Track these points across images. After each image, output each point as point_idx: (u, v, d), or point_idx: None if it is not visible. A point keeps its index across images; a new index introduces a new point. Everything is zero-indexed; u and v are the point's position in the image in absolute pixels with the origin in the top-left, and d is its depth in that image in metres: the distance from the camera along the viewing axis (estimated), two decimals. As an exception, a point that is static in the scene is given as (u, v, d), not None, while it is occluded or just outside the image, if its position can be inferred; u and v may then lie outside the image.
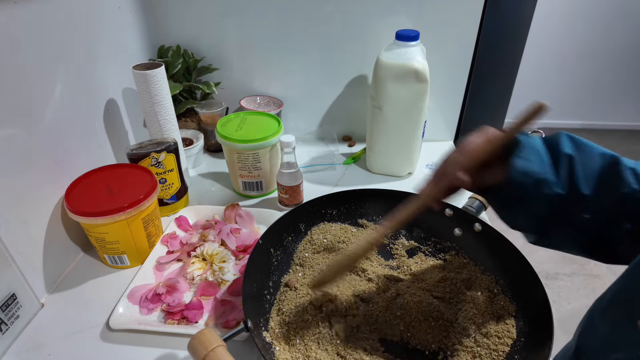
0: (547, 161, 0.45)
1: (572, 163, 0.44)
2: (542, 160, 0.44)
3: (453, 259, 0.62)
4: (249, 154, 0.75)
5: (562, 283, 1.74)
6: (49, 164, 0.61)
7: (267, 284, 0.56)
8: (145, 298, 0.58)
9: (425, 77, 0.74)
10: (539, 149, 0.45)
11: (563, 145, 0.45)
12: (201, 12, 0.87)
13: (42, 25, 0.58)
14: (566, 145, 0.45)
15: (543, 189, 0.44)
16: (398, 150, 0.85)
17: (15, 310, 0.55)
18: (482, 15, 0.84)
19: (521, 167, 0.44)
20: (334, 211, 0.68)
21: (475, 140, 0.46)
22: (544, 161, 0.44)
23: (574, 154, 0.44)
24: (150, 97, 0.72)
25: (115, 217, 0.59)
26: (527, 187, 0.44)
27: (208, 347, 0.41)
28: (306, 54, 0.91)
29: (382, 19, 0.85)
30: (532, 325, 0.50)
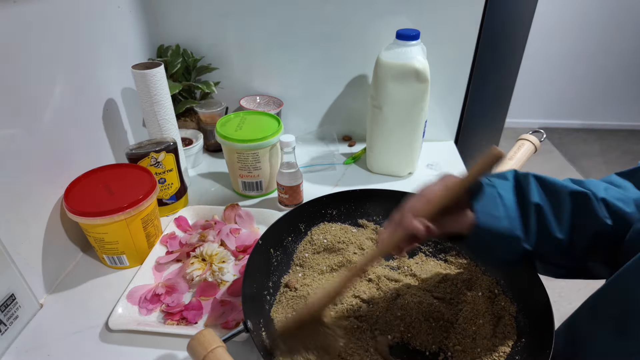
0: (514, 215, 0.44)
1: (542, 212, 0.44)
2: (509, 215, 0.44)
3: (454, 260, 0.62)
4: (248, 154, 0.75)
5: (562, 283, 1.74)
6: (48, 164, 0.61)
7: (267, 284, 0.56)
8: (144, 298, 0.58)
9: (426, 76, 0.74)
10: (506, 202, 0.44)
11: (532, 194, 0.44)
12: (201, 12, 0.87)
13: (42, 25, 0.58)
14: (534, 194, 0.44)
15: (510, 244, 0.44)
16: (398, 150, 0.84)
17: (15, 310, 0.54)
18: (483, 15, 0.83)
19: (486, 224, 0.43)
20: (334, 211, 0.68)
21: (432, 188, 0.45)
22: (510, 216, 0.44)
23: (543, 203, 0.44)
24: (150, 96, 0.72)
25: (114, 217, 0.59)
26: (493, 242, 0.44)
27: (207, 348, 0.41)
28: (306, 54, 0.91)
29: (382, 18, 0.85)
30: (532, 325, 0.49)
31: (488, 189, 0.45)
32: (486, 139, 1.19)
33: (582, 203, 0.43)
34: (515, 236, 0.44)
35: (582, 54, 2.54)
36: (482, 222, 0.43)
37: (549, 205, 0.44)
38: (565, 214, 0.43)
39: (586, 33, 2.47)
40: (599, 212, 0.42)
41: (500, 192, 0.44)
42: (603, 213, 0.42)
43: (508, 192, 0.45)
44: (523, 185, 0.45)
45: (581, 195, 0.43)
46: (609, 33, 2.45)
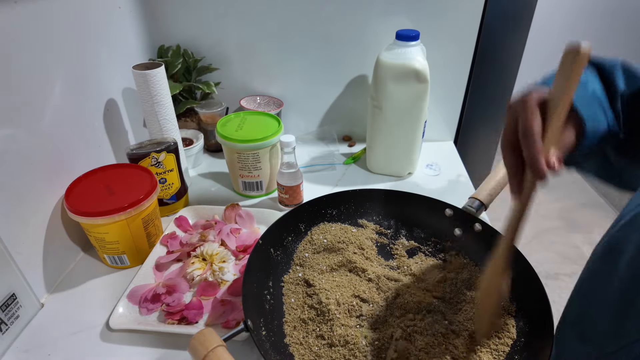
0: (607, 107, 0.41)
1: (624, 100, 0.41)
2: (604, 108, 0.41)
3: (453, 259, 0.62)
4: (249, 154, 0.75)
5: (562, 283, 1.74)
6: (49, 164, 0.61)
7: (267, 284, 0.56)
8: (145, 298, 0.58)
9: (426, 77, 0.74)
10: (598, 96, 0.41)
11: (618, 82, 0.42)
12: (201, 12, 0.87)
13: (42, 25, 0.58)
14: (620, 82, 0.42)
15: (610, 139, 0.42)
16: (398, 150, 0.85)
17: (15, 310, 0.55)
18: (483, 15, 0.84)
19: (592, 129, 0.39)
20: (334, 211, 0.68)
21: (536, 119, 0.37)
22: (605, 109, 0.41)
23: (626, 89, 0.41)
24: (150, 97, 0.72)
25: (115, 217, 0.59)
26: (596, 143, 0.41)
27: (208, 347, 0.41)
28: (306, 54, 0.91)
29: (382, 19, 0.85)
30: (532, 325, 0.49)
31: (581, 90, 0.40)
32: (486, 139, 1.20)
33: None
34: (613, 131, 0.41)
35: (582, 54, 2.53)
36: (591, 128, 0.40)
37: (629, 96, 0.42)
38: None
39: (586, 33, 2.47)
40: None
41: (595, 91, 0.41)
42: None
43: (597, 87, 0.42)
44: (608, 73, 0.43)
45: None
46: (609, 33, 2.46)
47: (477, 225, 0.61)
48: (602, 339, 0.38)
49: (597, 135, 0.40)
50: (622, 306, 0.37)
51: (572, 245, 1.92)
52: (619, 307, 0.37)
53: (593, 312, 0.41)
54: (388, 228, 0.68)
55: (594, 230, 1.98)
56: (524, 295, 0.53)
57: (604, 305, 0.40)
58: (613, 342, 0.37)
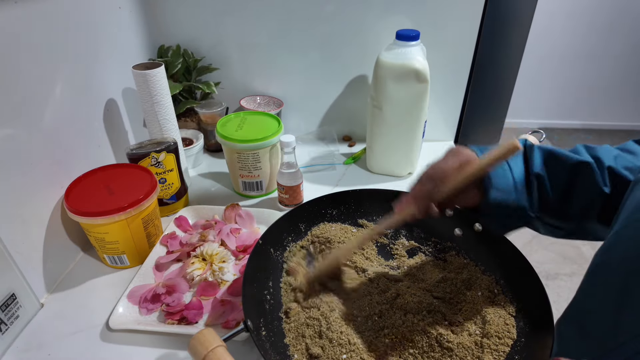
0: (521, 187, 0.46)
1: (542, 181, 0.46)
2: (517, 187, 0.46)
3: (453, 259, 0.62)
4: (249, 154, 0.75)
5: (562, 283, 1.74)
6: (49, 164, 0.61)
7: (267, 284, 0.56)
8: (145, 298, 0.58)
9: (426, 77, 0.74)
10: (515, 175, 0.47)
11: (534, 164, 0.47)
12: (201, 12, 0.87)
13: (42, 25, 0.58)
14: (537, 165, 0.47)
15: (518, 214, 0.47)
16: (398, 150, 0.85)
17: (15, 310, 0.55)
18: (483, 15, 0.84)
19: (495, 200, 0.46)
20: (334, 211, 0.68)
21: (445, 166, 0.48)
22: (518, 188, 0.46)
23: (543, 173, 0.46)
24: (150, 97, 0.72)
25: (115, 217, 0.59)
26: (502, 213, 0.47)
27: (208, 347, 0.41)
28: (306, 54, 0.91)
29: (382, 19, 0.85)
30: (532, 325, 0.49)
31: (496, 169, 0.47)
32: (486, 139, 1.20)
33: (581, 172, 0.45)
34: (521, 206, 0.46)
35: (581, 54, 2.54)
36: (494, 197, 0.46)
37: (546, 172, 0.46)
38: (561, 182, 0.46)
39: (586, 33, 2.47)
40: (598, 180, 0.44)
41: (510, 165, 0.47)
42: (603, 181, 0.44)
43: (518, 164, 0.48)
44: (529, 156, 0.48)
45: (582, 165, 0.45)
46: (609, 33, 2.46)
47: (477, 225, 0.61)
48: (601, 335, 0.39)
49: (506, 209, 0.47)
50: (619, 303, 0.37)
51: (572, 245, 1.92)
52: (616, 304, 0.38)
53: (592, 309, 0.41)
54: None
55: (594, 230, 1.98)
56: (524, 295, 0.53)
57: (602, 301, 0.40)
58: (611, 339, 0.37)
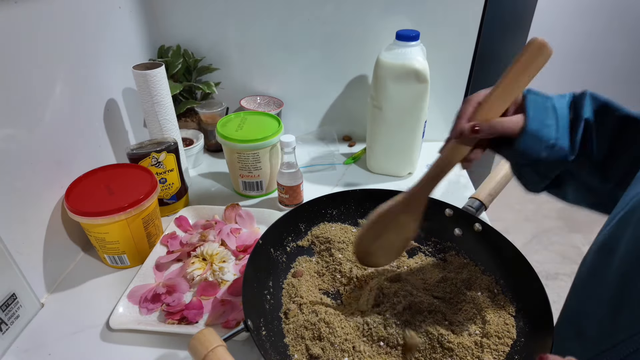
0: (564, 126, 0.43)
1: (588, 128, 0.43)
2: (559, 125, 0.43)
3: (453, 259, 0.62)
4: (249, 154, 0.75)
5: (562, 283, 1.74)
6: (49, 164, 0.61)
7: (267, 284, 0.56)
8: (145, 298, 0.58)
9: (426, 77, 0.74)
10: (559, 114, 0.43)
11: (584, 109, 0.43)
12: (201, 12, 0.87)
13: (42, 25, 0.58)
14: (587, 110, 0.43)
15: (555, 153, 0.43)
16: (398, 150, 0.85)
17: (15, 310, 0.55)
18: (483, 15, 0.84)
19: (535, 131, 0.42)
20: (334, 211, 0.68)
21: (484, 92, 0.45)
22: (560, 126, 0.43)
23: (591, 119, 0.43)
24: (151, 97, 0.72)
25: (115, 217, 0.59)
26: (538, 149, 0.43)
27: (208, 347, 0.41)
28: (306, 54, 0.91)
29: (382, 19, 0.85)
30: (532, 325, 0.50)
31: (542, 100, 0.44)
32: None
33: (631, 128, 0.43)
34: (560, 146, 0.43)
35: (582, 54, 2.54)
36: (533, 128, 0.42)
37: (595, 122, 0.43)
38: (608, 134, 0.43)
39: (586, 33, 2.47)
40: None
41: (555, 105, 0.44)
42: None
43: (563, 106, 0.44)
44: (578, 100, 0.45)
45: (632, 120, 0.43)
46: (610, 33, 2.45)
47: (477, 225, 0.61)
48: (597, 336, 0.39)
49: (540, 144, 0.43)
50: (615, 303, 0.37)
51: (572, 245, 1.92)
52: (612, 304, 0.38)
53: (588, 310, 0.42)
54: (388, 228, 0.68)
55: (594, 230, 1.97)
56: (524, 295, 0.53)
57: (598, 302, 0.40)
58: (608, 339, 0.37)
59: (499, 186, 0.66)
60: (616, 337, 0.36)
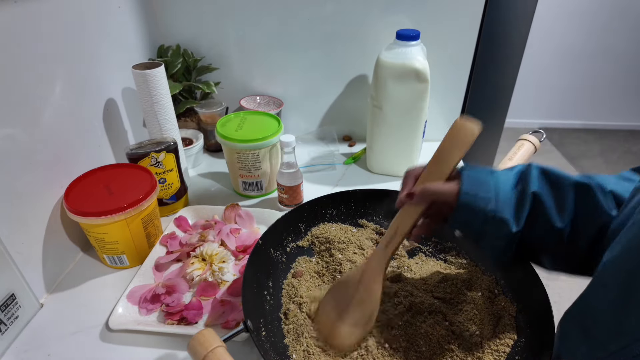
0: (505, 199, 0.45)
1: (540, 200, 0.44)
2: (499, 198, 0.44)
3: (453, 260, 0.62)
4: (249, 154, 0.75)
5: (562, 284, 1.74)
6: (48, 164, 0.61)
7: (267, 284, 0.56)
8: (144, 298, 0.58)
9: (426, 77, 0.74)
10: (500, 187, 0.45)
11: (531, 182, 0.45)
12: (201, 12, 0.87)
13: (42, 25, 0.58)
14: (534, 183, 0.45)
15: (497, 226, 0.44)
16: (398, 150, 0.84)
17: (15, 310, 0.54)
18: (483, 15, 0.84)
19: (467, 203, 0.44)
20: (334, 211, 0.68)
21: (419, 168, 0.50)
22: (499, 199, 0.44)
23: (542, 192, 0.44)
24: (150, 96, 0.72)
25: (114, 217, 0.59)
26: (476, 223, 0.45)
27: (208, 348, 0.41)
28: (306, 54, 0.91)
29: (382, 18, 0.85)
30: (533, 326, 0.49)
31: (481, 176, 0.46)
32: (486, 139, 1.19)
33: (585, 194, 0.43)
34: (502, 218, 0.44)
35: (582, 54, 2.54)
36: (465, 200, 0.44)
37: (549, 194, 0.44)
38: (567, 204, 0.44)
39: (586, 33, 2.47)
40: (604, 204, 0.43)
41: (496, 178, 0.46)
42: (608, 205, 0.43)
43: (507, 178, 0.46)
44: (525, 173, 0.46)
45: (584, 186, 0.44)
46: (609, 33, 2.46)
47: (477, 225, 0.61)
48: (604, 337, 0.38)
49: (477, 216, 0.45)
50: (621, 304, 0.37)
51: (572, 246, 1.92)
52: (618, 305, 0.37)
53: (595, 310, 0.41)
54: (388, 228, 0.68)
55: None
56: (524, 295, 0.53)
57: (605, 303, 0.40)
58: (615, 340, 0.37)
59: (499, 186, 0.66)
60: (623, 339, 0.36)
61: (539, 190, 0.44)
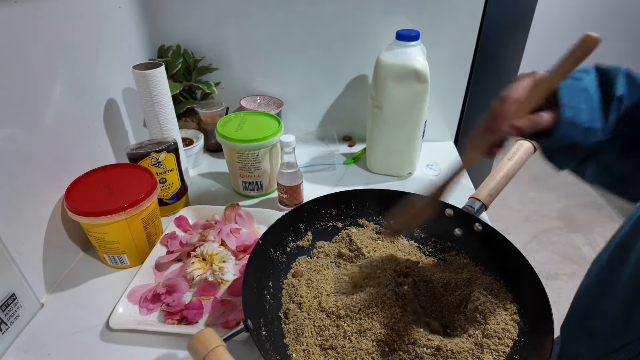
0: (596, 107, 0.42)
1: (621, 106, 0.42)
2: (592, 106, 0.42)
3: (453, 259, 0.62)
4: (249, 154, 0.75)
5: (562, 283, 1.74)
6: (49, 164, 0.61)
7: (267, 284, 0.56)
8: (145, 298, 0.58)
9: (426, 77, 0.74)
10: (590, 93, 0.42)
11: (617, 87, 0.42)
12: (201, 12, 0.87)
13: (42, 25, 0.58)
14: (620, 87, 0.42)
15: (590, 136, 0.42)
16: (398, 150, 0.85)
17: (15, 310, 0.55)
18: (483, 15, 0.84)
19: (570, 118, 0.41)
20: (334, 211, 0.68)
21: (520, 85, 0.43)
22: (593, 107, 0.42)
23: (626, 95, 0.42)
24: (150, 97, 0.72)
25: (115, 217, 0.59)
26: (574, 136, 0.42)
27: (208, 347, 0.41)
28: (306, 54, 0.91)
29: (382, 18, 0.85)
30: (532, 325, 0.49)
31: (572, 82, 0.43)
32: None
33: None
34: (595, 128, 0.42)
35: (582, 54, 2.53)
36: (569, 115, 0.41)
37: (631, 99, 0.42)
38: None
39: (586, 33, 2.46)
40: None
41: (586, 85, 0.43)
42: None
43: (592, 84, 0.43)
44: (609, 77, 0.43)
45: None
46: (609, 33, 2.45)
47: (477, 225, 0.61)
48: (610, 334, 0.38)
49: (577, 129, 0.42)
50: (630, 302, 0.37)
51: (572, 245, 1.92)
52: (627, 303, 0.37)
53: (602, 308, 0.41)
54: (388, 228, 0.68)
55: (594, 230, 1.98)
56: (524, 295, 0.53)
57: (612, 301, 0.40)
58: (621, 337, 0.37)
59: (499, 186, 0.66)
60: (629, 336, 0.36)
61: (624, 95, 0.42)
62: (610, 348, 0.38)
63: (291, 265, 0.62)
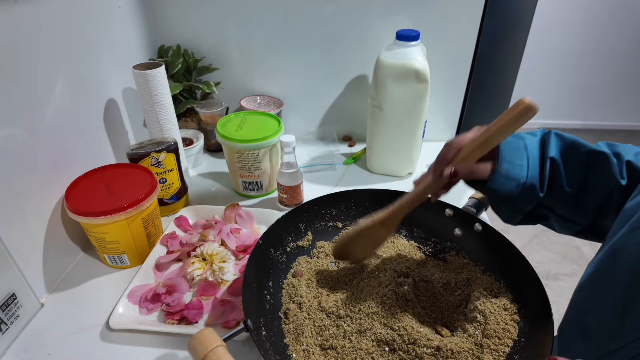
0: (535, 166, 0.47)
1: (555, 165, 0.47)
2: (529, 164, 0.47)
3: (453, 259, 0.62)
4: (249, 154, 0.75)
5: (562, 283, 1.74)
6: (49, 164, 0.61)
7: (267, 284, 0.56)
8: (145, 298, 0.58)
9: (426, 77, 0.74)
10: (530, 152, 0.47)
11: (550, 148, 0.47)
12: (201, 12, 0.87)
13: (42, 25, 0.58)
14: (552, 148, 0.47)
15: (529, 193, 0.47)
16: (398, 150, 0.85)
17: (15, 310, 0.55)
18: (483, 15, 0.84)
19: (504, 171, 0.46)
20: (334, 211, 0.68)
21: (467, 136, 0.49)
22: (530, 166, 0.46)
23: (557, 157, 0.46)
24: (151, 96, 0.72)
25: (115, 217, 0.59)
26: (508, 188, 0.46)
27: (208, 347, 0.41)
28: (306, 54, 0.91)
29: (382, 18, 0.85)
30: (532, 325, 0.49)
31: (515, 140, 0.48)
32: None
33: (598, 162, 0.45)
34: (531, 184, 0.46)
35: (582, 54, 2.54)
36: (504, 168, 0.46)
37: (562, 159, 0.47)
38: (577, 170, 0.46)
39: (586, 33, 2.46)
40: (615, 172, 0.45)
41: (527, 144, 0.48)
42: (620, 173, 0.45)
43: (534, 145, 0.48)
44: (545, 139, 0.48)
45: (599, 154, 0.46)
46: (609, 33, 2.45)
47: (477, 225, 0.61)
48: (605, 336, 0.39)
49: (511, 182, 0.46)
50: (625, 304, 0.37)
51: (572, 245, 1.92)
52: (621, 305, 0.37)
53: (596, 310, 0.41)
54: (388, 228, 0.68)
55: (594, 231, 1.98)
56: (524, 295, 0.53)
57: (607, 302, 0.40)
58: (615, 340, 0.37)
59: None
60: (624, 338, 0.36)
61: (555, 156, 0.47)
62: (605, 350, 0.38)
63: (291, 265, 0.62)
